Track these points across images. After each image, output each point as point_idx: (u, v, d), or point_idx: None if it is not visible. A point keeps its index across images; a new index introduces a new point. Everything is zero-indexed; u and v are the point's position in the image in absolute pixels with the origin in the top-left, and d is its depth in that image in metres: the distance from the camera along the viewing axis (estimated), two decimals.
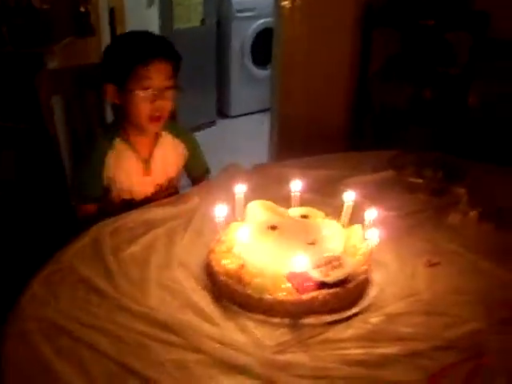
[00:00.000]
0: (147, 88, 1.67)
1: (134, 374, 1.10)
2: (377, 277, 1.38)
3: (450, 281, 1.39)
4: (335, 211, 1.52)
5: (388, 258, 1.45)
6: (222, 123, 4.68)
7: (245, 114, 4.68)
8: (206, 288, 1.34)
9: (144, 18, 3.36)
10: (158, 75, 1.67)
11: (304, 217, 1.45)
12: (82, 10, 2.68)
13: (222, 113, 4.71)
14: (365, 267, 1.32)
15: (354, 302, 1.29)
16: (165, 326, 1.22)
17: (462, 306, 1.29)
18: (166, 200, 1.74)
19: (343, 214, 1.47)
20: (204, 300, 1.30)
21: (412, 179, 1.75)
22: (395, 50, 3.00)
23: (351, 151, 2.09)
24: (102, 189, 1.81)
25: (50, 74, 2.01)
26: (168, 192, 1.89)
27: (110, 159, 1.78)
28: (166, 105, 1.71)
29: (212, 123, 4.60)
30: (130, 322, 1.24)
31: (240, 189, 1.47)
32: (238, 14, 4.33)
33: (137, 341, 1.18)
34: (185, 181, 2.01)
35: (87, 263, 1.43)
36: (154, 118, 1.71)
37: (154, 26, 3.61)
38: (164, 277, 1.38)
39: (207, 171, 1.99)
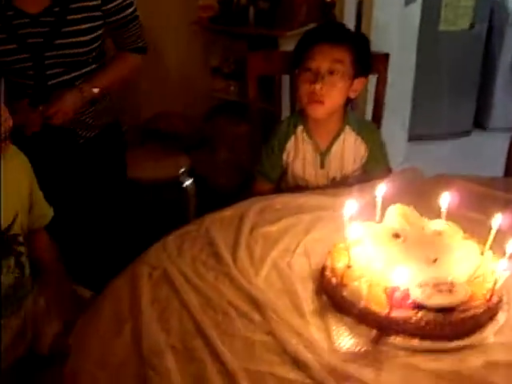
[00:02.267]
0: (309, 69, 1.68)
1: (202, 337, 1.15)
2: (501, 317, 1.20)
3: None
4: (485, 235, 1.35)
5: None
6: (478, 135, 4.38)
7: (504, 129, 4.31)
8: (314, 281, 1.32)
9: (400, 15, 3.27)
10: (320, 57, 1.67)
11: (438, 232, 1.31)
12: (328, 0, 2.74)
13: (479, 124, 4.40)
14: (481, 301, 1.15)
15: (457, 337, 1.14)
16: (254, 304, 1.24)
17: None
18: (325, 190, 1.73)
19: (490, 237, 1.30)
20: (306, 291, 1.29)
21: None
22: None
23: None
24: (279, 171, 1.86)
25: (258, 54, 2.12)
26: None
27: (291, 145, 1.83)
28: (327, 90, 1.68)
29: (467, 133, 4.33)
30: (227, 291, 1.29)
31: (381, 190, 1.39)
32: None
33: (222, 309, 1.23)
34: None
35: (223, 232, 1.51)
36: (311, 101, 1.70)
37: (411, 24, 3.51)
38: (282, 261, 1.39)
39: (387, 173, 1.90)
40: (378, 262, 1.22)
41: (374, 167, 1.86)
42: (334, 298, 1.23)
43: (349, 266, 1.23)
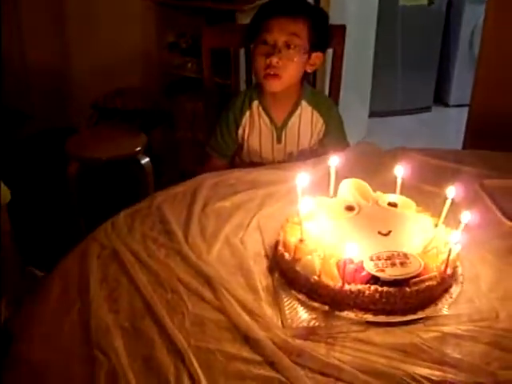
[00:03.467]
0: (265, 42, 1.64)
1: (151, 316, 1.12)
2: (455, 289, 1.18)
3: None
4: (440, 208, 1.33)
5: (483, 272, 1.24)
6: (438, 110, 4.40)
7: (464, 105, 4.33)
8: (267, 256, 1.29)
9: None
10: (278, 30, 1.64)
11: (392, 205, 1.30)
12: None
13: (440, 100, 4.42)
14: (435, 273, 1.13)
15: (411, 310, 1.12)
16: (206, 281, 1.21)
17: None
18: (279, 164, 1.70)
19: (443, 210, 1.28)
20: (259, 267, 1.26)
21: None
22: None
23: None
24: (233, 147, 1.82)
25: (214, 29, 2.07)
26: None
27: (246, 120, 1.80)
28: (284, 63, 1.65)
29: (427, 109, 4.35)
30: (177, 268, 1.25)
31: (334, 162, 1.36)
32: None
33: (173, 287, 1.19)
34: None
35: (175, 208, 1.48)
36: (267, 75, 1.67)
37: None
38: (235, 237, 1.36)
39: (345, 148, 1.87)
40: (332, 236, 1.20)
41: (332, 142, 1.83)
42: (287, 273, 1.20)
43: (301, 240, 1.20)
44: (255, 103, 1.79)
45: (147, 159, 2.58)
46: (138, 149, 2.60)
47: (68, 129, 3.32)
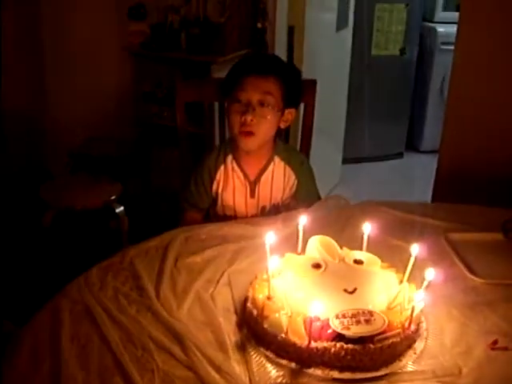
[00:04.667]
0: (239, 100, 1.67)
1: (121, 374, 1.12)
2: (419, 345, 1.22)
3: (509, 371, 1.17)
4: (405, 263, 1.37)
5: (448, 327, 1.28)
6: (410, 157, 4.50)
7: (436, 151, 4.44)
8: (237, 312, 1.31)
9: (331, 40, 3.34)
10: (252, 88, 1.67)
11: (358, 262, 1.33)
12: (259, 26, 2.78)
13: (412, 146, 4.53)
14: (399, 330, 1.16)
15: (376, 367, 1.15)
16: (176, 338, 1.22)
17: None
18: (250, 219, 1.73)
19: (408, 267, 1.32)
20: (229, 324, 1.28)
21: None
22: None
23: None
24: (208, 200, 1.86)
25: (188, 83, 2.12)
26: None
27: (220, 175, 1.83)
28: (259, 121, 1.68)
29: (399, 155, 4.45)
30: (148, 324, 1.26)
31: (303, 220, 1.40)
32: (443, 47, 4.12)
33: (143, 344, 1.20)
34: None
35: (147, 263, 1.50)
36: (243, 133, 1.70)
37: (343, 49, 3.59)
38: (205, 292, 1.38)
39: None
40: (299, 293, 1.23)
41: (304, 197, 1.87)
42: (255, 330, 1.22)
43: (269, 298, 1.22)
44: (229, 158, 1.82)
45: (121, 208, 2.60)
46: (113, 197, 2.62)
47: (42, 172, 3.33)
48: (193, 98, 2.08)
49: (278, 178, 1.84)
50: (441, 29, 4.16)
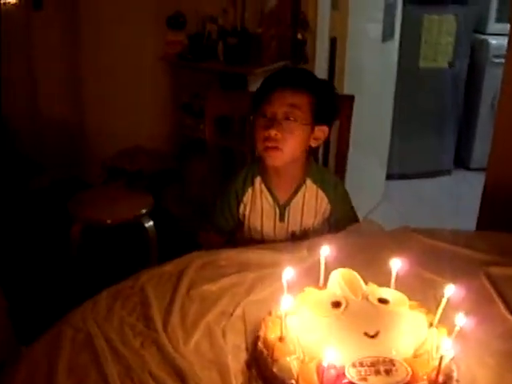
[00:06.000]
0: (265, 115, 1.59)
1: None
2: None
3: None
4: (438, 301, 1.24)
5: (481, 378, 1.14)
6: (458, 174, 4.30)
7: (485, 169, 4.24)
8: (247, 350, 1.21)
9: (376, 52, 3.21)
10: (276, 102, 1.58)
11: (383, 301, 1.20)
12: (299, 37, 2.68)
13: (460, 163, 4.33)
14: (424, 383, 1.03)
15: None
16: (178, 377, 1.13)
17: None
18: (274, 244, 1.63)
19: (439, 310, 1.19)
20: (237, 363, 1.17)
21: None
22: None
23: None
24: (233, 223, 1.76)
25: (219, 95, 2.04)
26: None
27: (248, 198, 1.73)
28: (284, 136, 1.58)
29: (447, 172, 4.26)
30: (151, 360, 1.17)
31: (325, 251, 1.29)
32: (495, 60, 3.91)
33: (142, 382, 1.12)
34: None
35: (159, 289, 1.41)
36: (267, 148, 1.60)
37: (389, 61, 3.45)
38: (217, 326, 1.28)
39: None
40: (314, 335, 1.11)
41: (338, 222, 1.76)
42: (264, 372, 1.11)
43: (281, 339, 1.11)
44: (258, 180, 1.72)
45: (151, 223, 2.53)
46: (143, 211, 2.56)
47: (80, 182, 3.32)
48: (223, 111, 2.00)
49: (310, 202, 1.73)
50: (493, 41, 3.96)
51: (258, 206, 1.72)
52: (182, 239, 2.73)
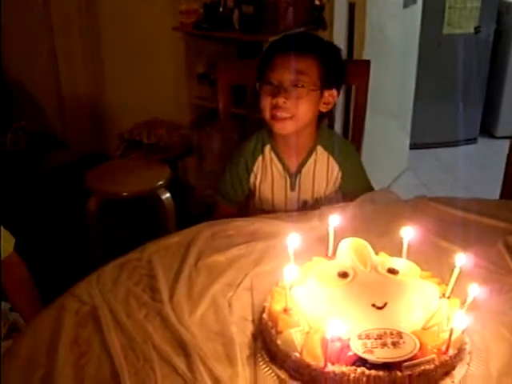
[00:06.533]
0: (270, 82, 1.54)
1: None
2: (460, 372, 1.04)
3: None
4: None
5: (496, 351, 1.09)
6: (485, 143, 4.19)
7: None
8: (253, 322, 1.18)
9: (398, 18, 3.11)
10: (282, 69, 1.53)
11: (392, 271, 1.16)
12: (317, 2, 2.60)
13: (486, 131, 4.22)
14: (433, 356, 0.99)
15: None
16: (182, 349, 1.10)
17: None
18: (285, 214, 1.58)
19: (452, 279, 1.14)
20: (243, 335, 1.15)
21: None
22: None
23: None
24: (242, 194, 1.73)
25: (230, 64, 2.00)
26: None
27: (258, 166, 1.69)
28: (293, 103, 1.53)
29: (473, 140, 4.16)
30: (155, 332, 1.15)
31: (334, 220, 1.24)
32: None
33: (146, 354, 1.10)
34: None
35: (166, 261, 1.39)
36: (275, 117, 1.55)
37: (411, 27, 3.34)
38: (223, 297, 1.26)
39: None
40: (320, 307, 1.07)
41: (351, 190, 1.71)
42: (269, 345, 1.09)
43: (286, 310, 1.08)
44: (267, 148, 1.68)
45: (168, 195, 2.50)
46: (160, 183, 2.53)
47: (103, 156, 3.31)
48: (236, 80, 1.94)
49: (321, 169, 1.68)
50: None
51: (268, 175, 1.69)
52: (199, 211, 2.71)
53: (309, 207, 1.70)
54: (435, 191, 3.18)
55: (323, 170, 1.68)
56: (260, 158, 1.68)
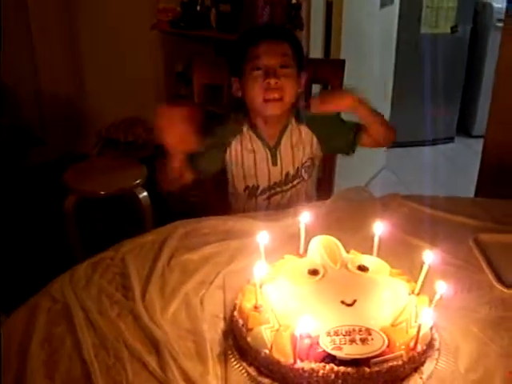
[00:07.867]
0: (258, 68, 1.61)
1: None
2: (428, 368, 1.06)
3: None
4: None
5: (464, 347, 1.11)
6: (462, 141, 4.23)
7: None
8: (225, 319, 1.19)
9: (375, 17, 3.13)
10: (267, 54, 1.62)
11: (362, 268, 1.17)
12: (294, 1, 2.61)
13: (464, 130, 4.26)
14: (401, 352, 1.01)
15: None
16: (153, 347, 1.11)
17: None
18: (258, 213, 1.59)
19: (420, 277, 1.16)
20: (214, 333, 1.16)
21: None
22: None
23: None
24: (208, 167, 1.76)
25: (206, 62, 2.00)
26: (296, 181, 1.80)
27: (237, 144, 1.75)
28: (283, 83, 1.61)
29: (450, 139, 4.19)
30: (127, 330, 1.16)
31: (304, 218, 1.25)
32: (499, 24, 3.80)
33: (117, 352, 1.10)
34: None
35: (140, 260, 1.39)
36: (268, 99, 1.62)
37: (388, 27, 3.36)
38: (195, 295, 1.26)
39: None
40: (289, 304, 1.08)
41: (337, 146, 1.80)
42: (239, 342, 1.09)
43: (256, 308, 1.09)
44: (245, 127, 1.74)
45: (145, 193, 2.50)
46: (137, 182, 2.53)
47: (82, 155, 3.29)
48: (211, 79, 1.96)
49: (297, 139, 1.76)
50: (497, 4, 3.85)
51: (249, 151, 1.75)
52: (183, 209, 2.71)
53: (291, 177, 1.78)
54: (412, 189, 3.20)
55: (297, 138, 1.76)
56: (239, 137, 1.75)
